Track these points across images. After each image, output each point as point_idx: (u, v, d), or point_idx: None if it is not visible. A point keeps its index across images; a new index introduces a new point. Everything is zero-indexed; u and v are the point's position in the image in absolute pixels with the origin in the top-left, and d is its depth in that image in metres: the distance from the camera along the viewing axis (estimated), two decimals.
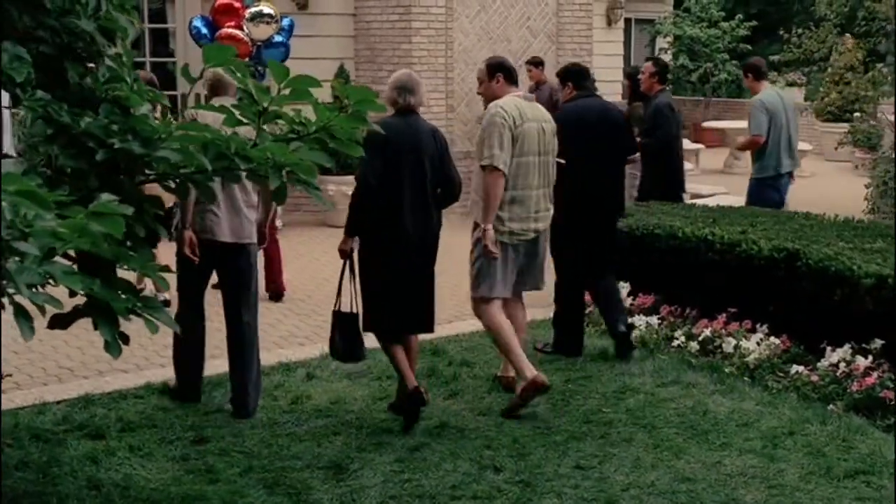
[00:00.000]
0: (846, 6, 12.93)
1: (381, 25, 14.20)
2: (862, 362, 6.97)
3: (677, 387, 7.41)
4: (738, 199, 12.42)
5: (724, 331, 8.00)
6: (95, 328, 3.90)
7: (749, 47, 26.23)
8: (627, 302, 8.86)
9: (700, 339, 7.96)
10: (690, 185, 14.41)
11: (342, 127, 4.50)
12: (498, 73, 7.20)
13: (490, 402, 7.11)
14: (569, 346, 8.24)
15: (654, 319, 8.49)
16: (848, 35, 23.66)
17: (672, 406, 7.05)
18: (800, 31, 17.94)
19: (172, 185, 4.41)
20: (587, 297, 8.57)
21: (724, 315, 8.14)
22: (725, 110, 26.86)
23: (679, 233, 8.54)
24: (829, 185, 19.22)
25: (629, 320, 8.53)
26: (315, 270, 11.50)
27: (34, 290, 3.39)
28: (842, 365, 7.09)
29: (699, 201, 12.22)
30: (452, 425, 6.66)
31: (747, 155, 21.36)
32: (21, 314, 3.57)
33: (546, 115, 7.26)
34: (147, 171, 4.37)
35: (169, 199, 5.69)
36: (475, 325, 9.13)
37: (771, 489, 5.73)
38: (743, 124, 23.13)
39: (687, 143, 21.13)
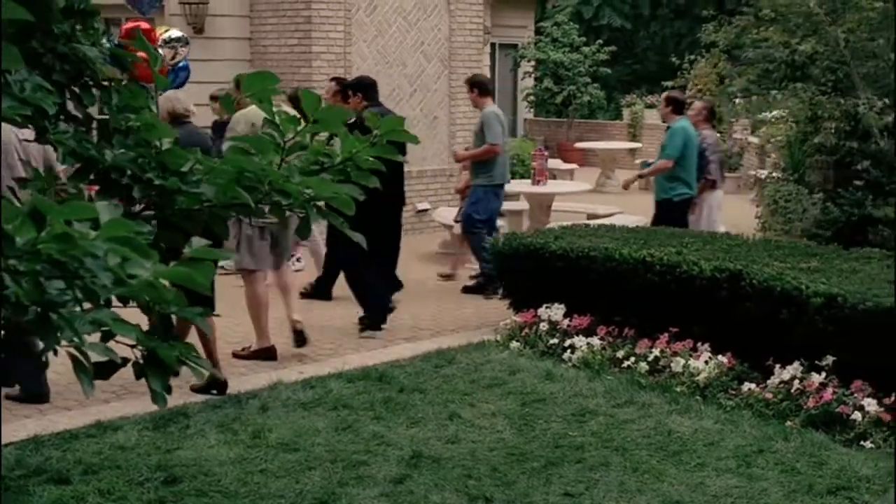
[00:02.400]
0: (733, 34, 13.16)
1: (280, 49, 13.89)
2: (816, 378, 7.01)
3: (633, 407, 7.34)
4: (636, 219, 12.53)
5: (668, 350, 7.96)
6: (138, 378, 3.58)
7: (608, 70, 26.70)
8: (564, 323, 8.76)
9: (649, 359, 7.89)
10: (585, 206, 14.51)
11: (370, 158, 4.27)
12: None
13: (455, 430, 6.92)
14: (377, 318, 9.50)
15: (595, 340, 8.40)
16: (703, 59, 24.29)
17: (635, 427, 6.97)
18: (692, 57, 18.28)
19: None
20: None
21: (667, 335, 8.10)
22: (587, 131, 27.24)
23: (616, 255, 8.49)
24: None
25: (568, 342, 8.49)
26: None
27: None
28: (795, 382, 7.10)
29: (596, 221, 12.22)
30: (426, 455, 6.44)
31: (620, 174, 21.73)
32: (82, 370, 3.26)
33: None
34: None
35: None
36: (413, 348, 9.00)
37: None
38: (608, 145, 23.59)
39: (559, 163, 21.37)
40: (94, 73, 4.25)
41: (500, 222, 12.14)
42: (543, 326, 8.82)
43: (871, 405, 6.72)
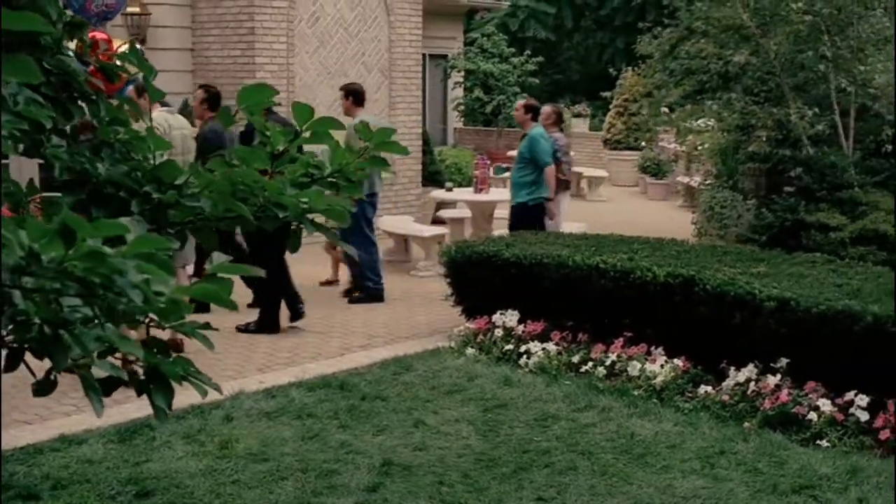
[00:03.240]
0: (668, 45, 13.25)
1: (223, 61, 13.70)
2: (771, 380, 7.06)
3: (594, 411, 7.33)
4: (576, 226, 12.55)
5: (624, 354, 7.96)
6: (139, 395, 3.46)
7: (536, 81, 26.80)
8: (518, 329, 8.74)
9: (606, 363, 7.88)
10: None
11: (360, 170, 4.19)
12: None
13: (422, 437, 6.84)
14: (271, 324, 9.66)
15: (550, 346, 8.38)
16: (630, 69, 24.52)
17: (597, 431, 6.96)
18: (629, 67, 18.39)
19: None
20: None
21: (622, 339, 8.11)
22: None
23: (569, 261, 8.49)
24: (630, 208, 19.77)
25: (523, 347, 8.48)
26: None
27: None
28: (751, 384, 7.14)
29: None
30: (396, 463, 6.35)
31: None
32: (91, 388, 3.15)
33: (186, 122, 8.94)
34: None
35: None
36: (369, 356, 8.92)
37: None
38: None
39: (490, 172, 21.36)
40: (81, 86, 4.12)
41: (430, 230, 12.14)
42: (498, 332, 8.79)
43: (825, 405, 6.78)
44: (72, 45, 4.10)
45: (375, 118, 11.11)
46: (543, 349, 8.39)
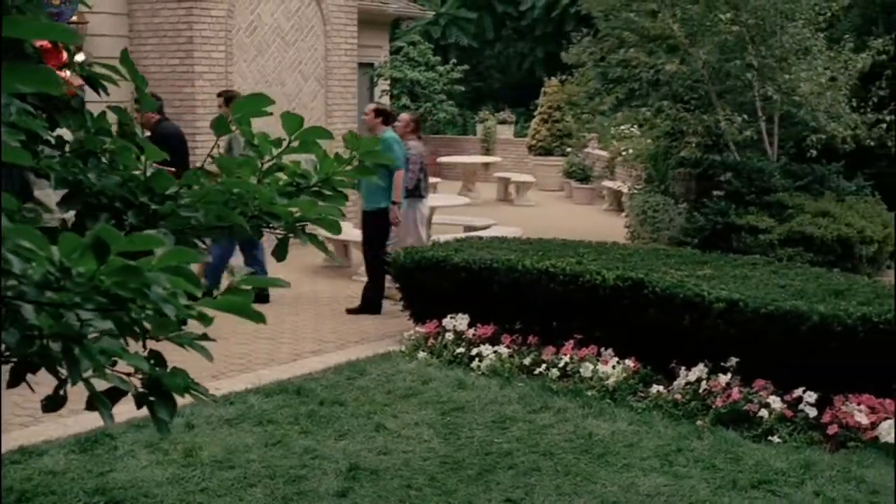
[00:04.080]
0: (600, 54, 13.35)
1: (161, 69, 13.46)
2: (722, 379, 7.12)
3: (549, 413, 7.33)
4: (512, 230, 12.57)
5: (576, 356, 7.97)
6: (139, 407, 3.35)
7: (462, 88, 26.84)
8: (469, 333, 8.71)
9: (559, 365, 7.89)
10: (461, 218, 14.49)
11: (346, 179, 4.11)
12: None
13: (384, 441, 6.77)
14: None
15: (502, 349, 8.36)
16: (553, 78, 24.70)
17: (555, 432, 6.96)
18: (563, 76, 18.49)
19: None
20: None
21: (572, 342, 8.12)
22: (442, 146, 27.32)
23: (519, 266, 8.48)
24: (557, 212, 19.86)
25: (474, 351, 8.45)
26: None
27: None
28: (702, 383, 7.19)
29: (474, 234, 12.21)
30: (363, 467, 6.28)
31: (481, 186, 21.86)
32: (100, 400, 3.05)
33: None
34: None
35: None
36: (322, 361, 8.82)
37: None
38: (468, 159, 23.72)
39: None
40: (65, 95, 3.99)
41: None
42: (449, 336, 8.75)
43: (775, 402, 6.85)
44: None
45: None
46: (495, 352, 8.37)
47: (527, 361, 8.23)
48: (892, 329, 6.73)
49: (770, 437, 6.71)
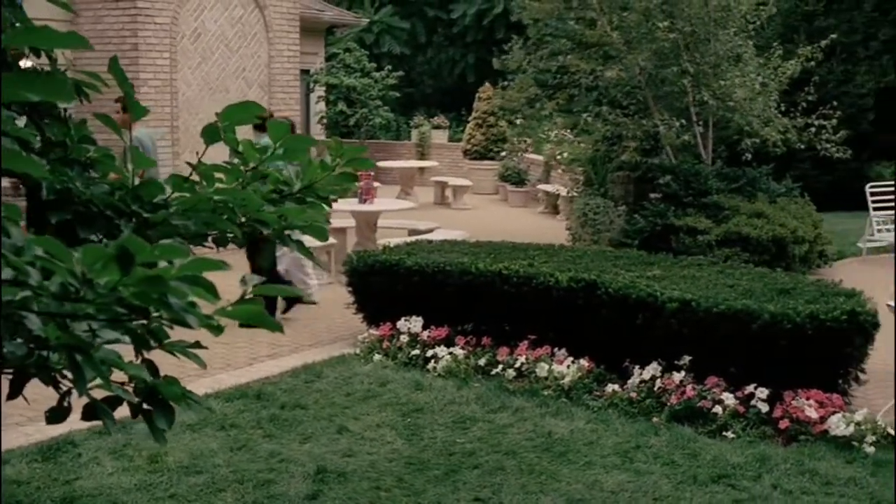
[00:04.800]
0: (541, 61, 13.41)
1: (106, 76, 13.20)
2: (676, 377, 7.17)
3: (507, 412, 7.33)
4: (457, 234, 12.57)
5: (530, 356, 7.98)
6: (134, 417, 3.27)
7: (397, 94, 26.80)
8: (424, 335, 8.68)
9: (516, 365, 7.89)
10: (406, 222, 14.45)
11: (330, 186, 4.07)
12: None
13: (348, 443, 6.72)
14: None
15: (457, 350, 8.34)
16: (488, 84, 24.76)
17: (515, 431, 6.95)
18: (505, 83, 18.47)
19: None
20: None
21: (526, 342, 8.13)
22: (378, 151, 27.27)
23: (472, 268, 8.46)
24: (494, 215, 19.90)
25: (430, 352, 8.43)
26: None
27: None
28: (657, 381, 7.24)
29: (419, 237, 12.16)
30: (330, 470, 6.21)
31: (418, 190, 21.83)
32: (104, 411, 2.98)
33: None
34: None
35: None
36: (278, 365, 8.73)
37: (658, 501, 5.77)
38: (405, 164, 23.68)
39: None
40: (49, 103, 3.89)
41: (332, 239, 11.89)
42: (403, 338, 8.71)
43: (728, 399, 6.92)
44: None
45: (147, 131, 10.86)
46: (450, 353, 8.35)
47: (482, 362, 8.22)
48: (839, 326, 6.83)
49: (724, 433, 6.78)
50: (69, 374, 2.74)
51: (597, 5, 12.56)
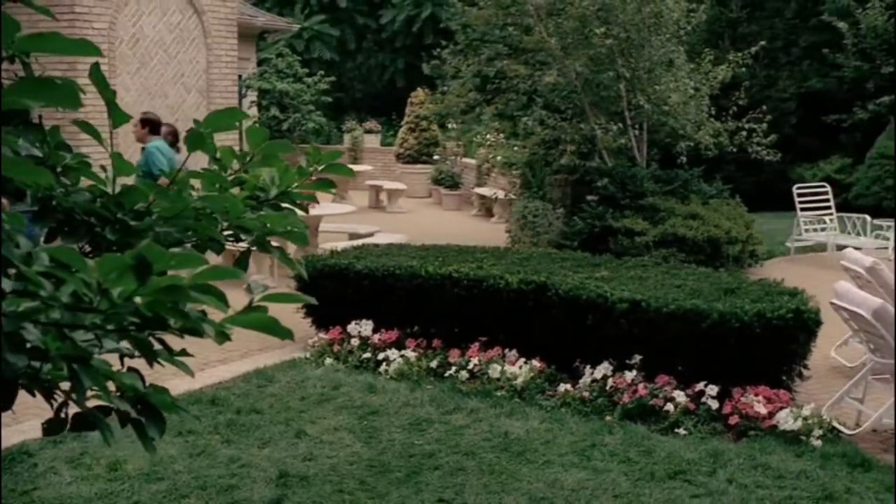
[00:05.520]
0: (479, 66, 13.44)
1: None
2: (628, 375, 7.22)
3: (463, 413, 7.32)
4: (397, 237, 12.54)
5: (482, 358, 7.98)
6: (123, 426, 3.20)
7: (330, 99, 26.69)
8: (374, 338, 8.64)
9: (469, 367, 7.89)
10: (346, 226, 14.39)
11: (306, 191, 4.02)
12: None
13: (307, 447, 6.65)
14: None
15: (409, 353, 8.32)
16: (420, 89, 24.77)
17: (472, 432, 6.95)
18: (444, 87, 18.47)
19: None
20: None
21: (477, 344, 8.13)
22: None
23: (422, 272, 8.45)
24: (429, 218, 19.88)
25: (381, 355, 8.39)
26: None
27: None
28: (609, 380, 7.29)
29: (360, 241, 12.11)
30: (292, 474, 6.15)
31: (353, 194, 21.74)
32: (100, 421, 2.91)
33: None
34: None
35: None
36: (230, 370, 8.63)
37: (618, 498, 5.80)
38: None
39: None
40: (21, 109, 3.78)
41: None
42: (354, 342, 8.66)
43: (680, 396, 6.99)
44: None
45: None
46: (402, 356, 8.32)
47: (434, 364, 8.20)
48: (785, 324, 6.94)
49: (676, 430, 6.85)
50: (61, 385, 2.68)
51: (534, 12, 12.62)
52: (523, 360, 7.85)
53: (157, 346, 2.77)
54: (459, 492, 5.89)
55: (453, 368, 8.01)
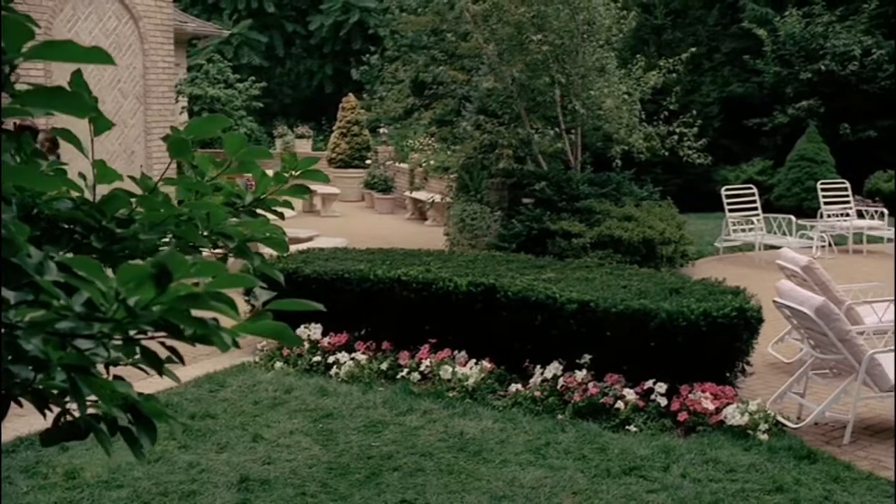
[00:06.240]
0: (416, 72, 13.44)
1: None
2: (579, 375, 7.28)
3: (416, 415, 7.31)
4: (337, 241, 12.50)
5: (433, 359, 7.99)
6: (113, 434, 3.14)
7: (261, 105, 26.52)
8: (324, 341, 8.59)
9: (420, 368, 7.89)
10: (289, 230, 14.27)
11: (281, 198, 4.00)
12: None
13: (265, 451, 6.59)
14: None
15: (359, 355, 8.29)
16: (351, 94, 24.71)
17: (427, 433, 6.94)
18: (384, 93, 18.46)
19: None
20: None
21: (427, 346, 8.13)
22: None
23: (371, 275, 8.43)
24: (364, 222, 19.83)
25: (331, 358, 8.35)
26: None
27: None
28: (560, 380, 7.34)
29: (303, 245, 12.07)
30: (253, 478, 6.09)
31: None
32: (98, 430, 2.86)
33: None
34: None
35: None
36: (180, 375, 8.49)
37: (578, 495, 5.84)
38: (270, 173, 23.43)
39: None
40: None
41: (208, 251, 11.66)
42: (304, 345, 8.60)
43: (629, 394, 7.07)
44: None
45: None
46: (352, 359, 8.29)
47: (384, 367, 8.19)
48: (729, 322, 7.06)
49: (627, 427, 6.92)
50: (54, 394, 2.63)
51: (470, 18, 12.67)
52: (473, 361, 7.87)
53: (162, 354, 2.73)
54: (421, 492, 5.88)
55: (405, 370, 8.00)
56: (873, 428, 7.10)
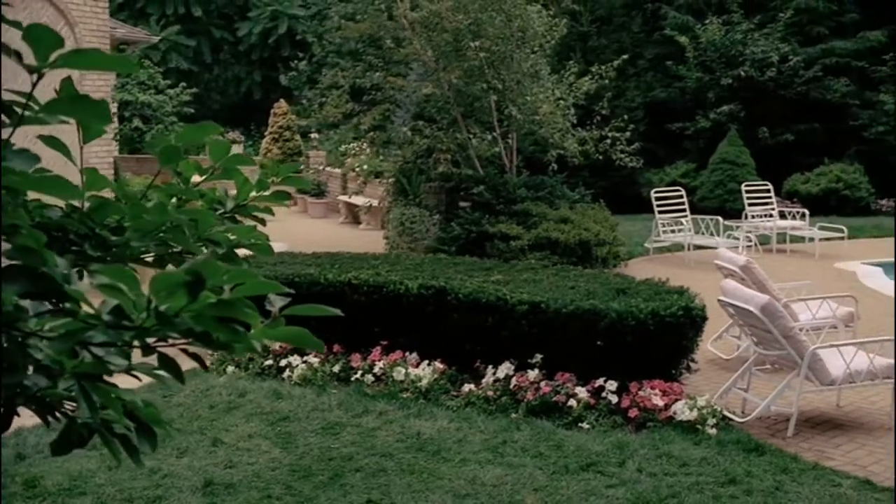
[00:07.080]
0: (354, 78, 13.42)
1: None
2: (530, 374, 7.34)
3: (372, 416, 7.30)
4: (279, 245, 12.41)
5: (386, 361, 7.98)
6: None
7: (192, 111, 26.21)
8: (275, 345, 8.53)
9: (374, 370, 7.87)
10: None
11: (262, 204, 3.98)
12: None
13: (226, 455, 6.53)
14: None
15: (311, 358, 8.25)
16: (282, 100, 24.56)
17: (385, 434, 6.94)
18: (322, 99, 18.29)
19: None
20: None
21: (379, 348, 8.13)
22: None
23: (321, 279, 8.40)
24: (299, 226, 19.72)
25: (283, 362, 8.29)
26: None
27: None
28: (513, 379, 7.39)
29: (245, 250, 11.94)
30: (216, 482, 6.03)
31: None
32: (107, 438, 2.84)
33: None
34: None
35: None
36: (130, 380, 8.36)
37: (539, 491, 5.88)
38: (197, 179, 23.19)
39: None
40: None
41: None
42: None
43: (581, 392, 7.14)
44: None
45: None
46: (304, 362, 8.24)
47: (336, 369, 8.16)
48: (676, 321, 7.18)
49: (580, 424, 6.99)
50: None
51: (408, 26, 12.68)
52: (426, 362, 7.89)
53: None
54: (386, 492, 5.88)
55: (358, 372, 7.98)
56: (813, 420, 7.28)
